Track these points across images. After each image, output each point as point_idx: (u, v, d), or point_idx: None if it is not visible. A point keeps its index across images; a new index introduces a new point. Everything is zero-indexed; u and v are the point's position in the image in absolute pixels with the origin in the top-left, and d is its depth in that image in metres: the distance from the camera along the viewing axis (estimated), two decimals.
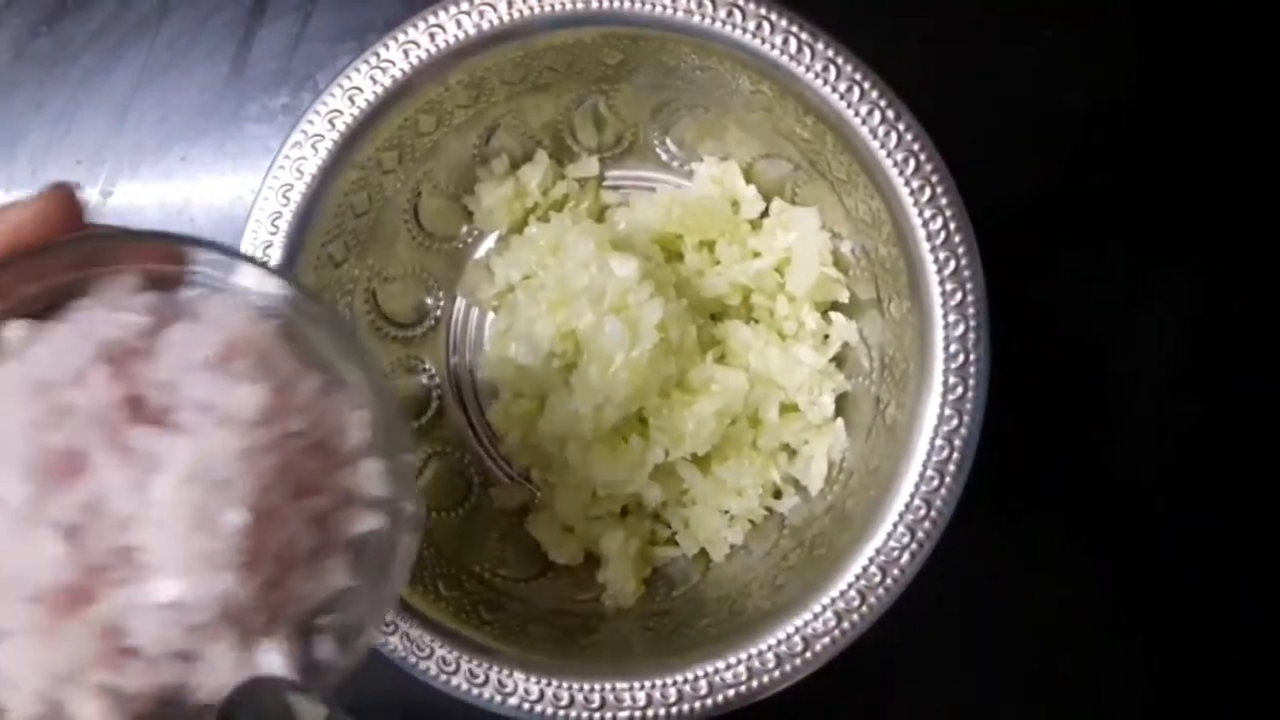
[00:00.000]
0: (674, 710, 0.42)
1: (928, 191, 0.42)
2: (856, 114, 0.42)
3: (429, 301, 0.52)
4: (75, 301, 0.27)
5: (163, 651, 0.25)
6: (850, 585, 0.42)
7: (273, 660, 0.26)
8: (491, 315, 0.52)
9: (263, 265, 0.28)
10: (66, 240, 0.26)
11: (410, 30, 0.44)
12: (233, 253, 0.28)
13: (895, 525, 0.42)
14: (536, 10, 0.43)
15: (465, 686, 0.42)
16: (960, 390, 0.42)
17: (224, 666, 0.25)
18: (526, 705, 0.42)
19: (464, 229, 0.53)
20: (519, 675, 0.42)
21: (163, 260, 0.27)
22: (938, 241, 0.42)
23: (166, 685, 0.25)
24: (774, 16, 0.42)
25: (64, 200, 0.27)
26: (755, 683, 0.42)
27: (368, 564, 0.28)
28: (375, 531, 0.28)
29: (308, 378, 0.27)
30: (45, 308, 0.26)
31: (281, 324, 0.28)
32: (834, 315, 0.49)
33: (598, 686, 0.42)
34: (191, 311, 0.27)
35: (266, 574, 0.26)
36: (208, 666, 0.25)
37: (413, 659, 0.42)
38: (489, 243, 0.53)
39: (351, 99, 0.44)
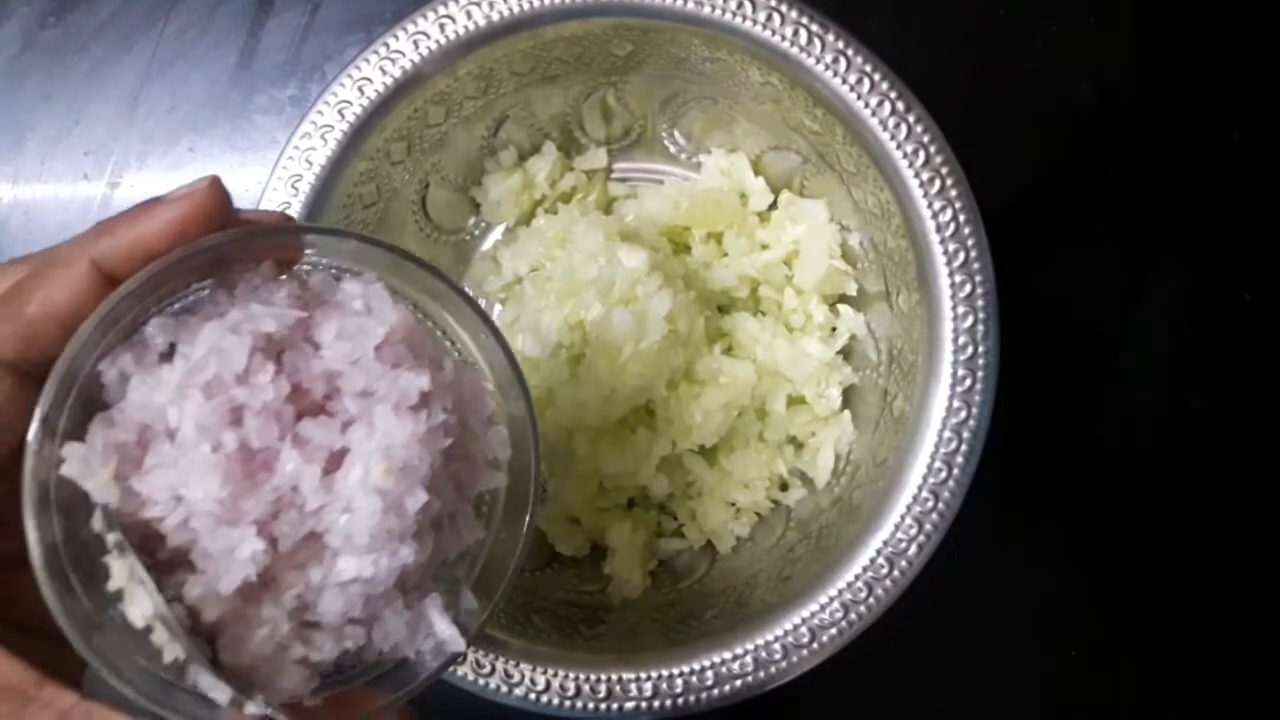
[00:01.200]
0: (680, 701, 0.42)
1: (937, 183, 0.42)
2: (866, 106, 0.42)
3: None
4: (204, 290, 0.27)
5: (344, 621, 0.27)
6: (858, 577, 0.42)
7: (434, 614, 0.29)
8: (499, 307, 0.52)
9: (392, 248, 0.28)
10: (220, 237, 0.26)
11: (419, 21, 0.44)
12: (371, 240, 0.28)
13: (903, 517, 0.42)
14: (546, 1, 0.43)
15: (471, 677, 0.42)
16: (969, 382, 0.42)
17: (396, 624, 0.28)
18: (533, 696, 0.42)
19: (471, 221, 0.53)
20: (525, 666, 0.42)
21: (285, 248, 0.28)
22: (947, 233, 0.42)
23: (347, 650, 0.28)
24: (784, 8, 0.42)
25: (219, 194, 0.26)
26: (762, 673, 0.42)
27: (494, 518, 0.31)
28: (498, 489, 0.31)
29: (448, 356, 0.29)
30: (171, 298, 0.27)
31: (412, 304, 0.30)
32: (842, 308, 0.49)
33: (604, 677, 0.42)
34: (329, 298, 0.28)
35: (431, 538, 0.28)
36: (381, 627, 0.28)
37: None
38: (496, 235, 0.53)
39: (361, 89, 0.44)
